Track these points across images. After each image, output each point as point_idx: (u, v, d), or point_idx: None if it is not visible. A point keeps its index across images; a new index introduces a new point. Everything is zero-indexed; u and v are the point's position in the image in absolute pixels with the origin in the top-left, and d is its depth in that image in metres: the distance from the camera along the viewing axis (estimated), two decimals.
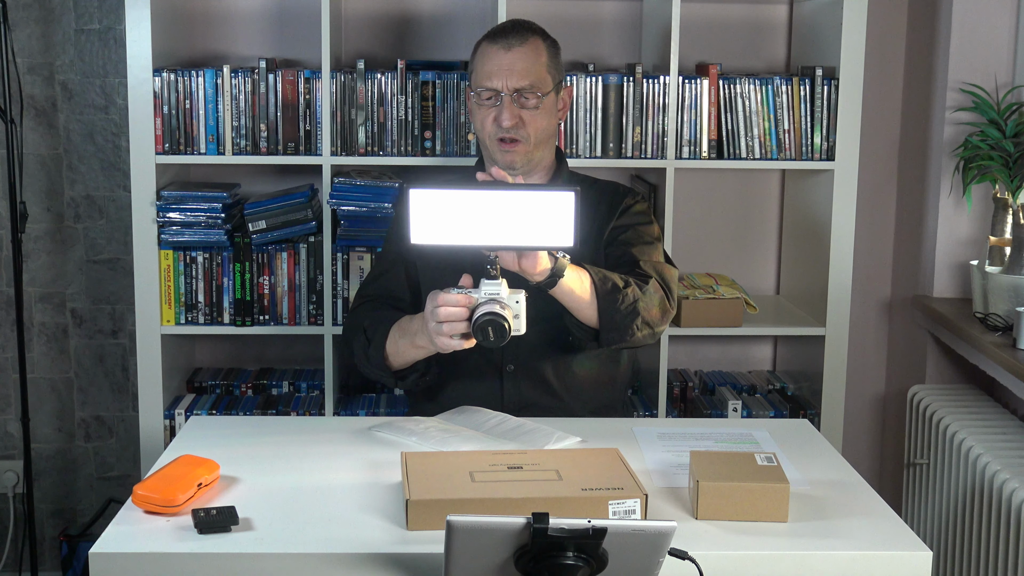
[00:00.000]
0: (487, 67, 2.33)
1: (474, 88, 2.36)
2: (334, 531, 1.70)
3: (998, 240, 2.84)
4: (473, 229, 1.90)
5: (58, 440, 3.34)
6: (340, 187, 2.85)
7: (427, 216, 1.90)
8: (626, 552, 1.46)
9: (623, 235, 2.38)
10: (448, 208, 1.90)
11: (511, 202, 1.90)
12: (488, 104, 2.33)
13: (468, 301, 1.98)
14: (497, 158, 2.35)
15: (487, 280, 1.97)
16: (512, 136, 2.31)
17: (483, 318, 1.93)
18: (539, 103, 2.32)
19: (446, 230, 1.91)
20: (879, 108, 3.23)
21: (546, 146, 2.40)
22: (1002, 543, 2.43)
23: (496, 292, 1.96)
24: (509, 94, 2.31)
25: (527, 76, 2.31)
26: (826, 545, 1.68)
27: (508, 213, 1.90)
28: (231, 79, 2.81)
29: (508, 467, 1.81)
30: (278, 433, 2.14)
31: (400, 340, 2.22)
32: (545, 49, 2.36)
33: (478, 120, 2.36)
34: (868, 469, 3.37)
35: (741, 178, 3.29)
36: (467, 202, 1.90)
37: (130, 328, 3.24)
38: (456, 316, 1.99)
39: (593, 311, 2.17)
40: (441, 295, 2.01)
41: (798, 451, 2.05)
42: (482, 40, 2.38)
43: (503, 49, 2.32)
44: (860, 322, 3.29)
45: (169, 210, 2.83)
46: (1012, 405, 2.85)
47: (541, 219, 1.90)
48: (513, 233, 1.91)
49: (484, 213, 1.90)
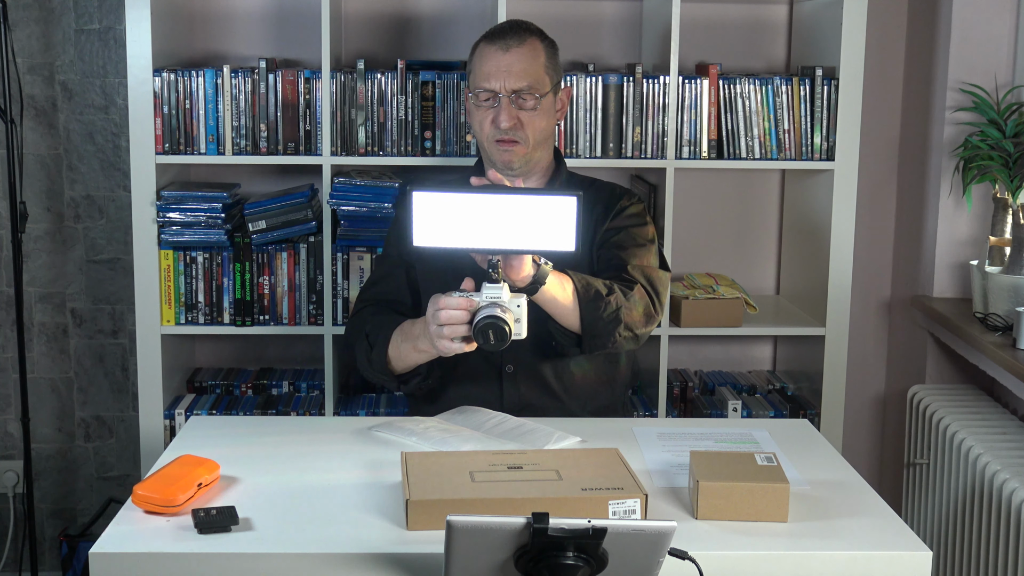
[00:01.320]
0: (485, 68, 2.32)
1: (472, 89, 2.36)
2: (334, 531, 1.70)
3: (998, 240, 2.84)
4: (476, 232, 1.91)
5: (58, 440, 3.35)
6: (340, 187, 2.85)
7: (430, 218, 1.91)
8: (626, 552, 1.46)
9: (615, 237, 2.38)
10: (451, 211, 1.91)
11: (513, 206, 1.91)
12: (486, 105, 2.33)
13: (469, 304, 1.98)
14: (495, 159, 2.34)
15: (489, 283, 1.96)
16: (510, 137, 2.31)
17: (484, 321, 1.93)
18: (537, 104, 2.32)
19: (449, 233, 1.91)
20: (879, 108, 3.23)
21: (544, 147, 2.40)
22: (1002, 543, 2.44)
23: (498, 296, 1.96)
24: (507, 95, 2.30)
25: (525, 77, 2.30)
26: (826, 545, 1.68)
27: (510, 217, 1.90)
28: (231, 79, 2.81)
29: (508, 467, 1.81)
30: (278, 433, 2.14)
31: (402, 344, 2.22)
32: (543, 49, 2.36)
33: (476, 121, 2.36)
34: (868, 469, 3.37)
35: (741, 178, 3.29)
36: (470, 205, 1.91)
37: (130, 328, 3.24)
38: (457, 319, 1.99)
39: (576, 318, 2.17)
40: (442, 298, 2.01)
41: (798, 451, 2.05)
42: (480, 41, 2.38)
43: (501, 50, 2.32)
44: (860, 322, 3.29)
45: (169, 210, 2.83)
46: (1012, 405, 2.85)
47: (543, 223, 1.90)
48: (515, 237, 1.91)
49: (487, 216, 1.90)
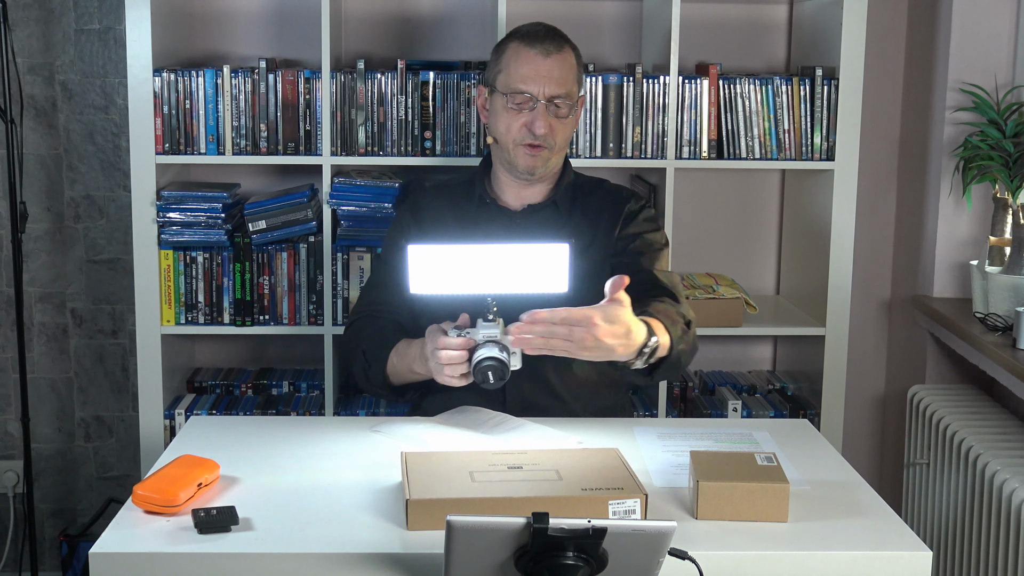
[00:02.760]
0: (523, 70, 2.30)
1: (504, 90, 2.32)
2: (334, 531, 1.70)
3: (998, 240, 2.84)
4: (470, 279, 2.01)
5: (58, 440, 3.35)
6: (340, 187, 2.85)
7: (425, 269, 2.01)
8: (626, 552, 1.46)
9: (632, 244, 2.38)
10: (446, 261, 2.01)
11: (506, 255, 2.02)
12: (519, 108, 2.31)
13: (468, 344, 2.04)
14: (519, 163, 2.34)
15: (485, 322, 2.04)
16: (540, 143, 2.31)
17: (484, 362, 2.00)
18: (571, 112, 2.33)
19: (444, 281, 2.02)
20: (879, 108, 3.23)
21: (563, 152, 2.41)
22: (1002, 543, 2.43)
23: (494, 334, 2.03)
24: (545, 101, 2.29)
25: (564, 84, 2.30)
26: (826, 545, 1.68)
27: (504, 264, 2.01)
28: (231, 79, 2.81)
29: (508, 467, 1.81)
30: (278, 433, 2.14)
31: (398, 364, 2.24)
32: (574, 59, 2.36)
33: (503, 122, 2.33)
34: (868, 469, 3.37)
35: (741, 178, 3.29)
36: (464, 255, 2.01)
37: (130, 328, 3.24)
38: (457, 359, 2.04)
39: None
40: (441, 338, 2.05)
41: (798, 451, 2.05)
42: (512, 41, 2.35)
43: (541, 55, 2.30)
44: (860, 322, 3.29)
45: (169, 210, 2.83)
46: (1012, 405, 2.85)
47: (536, 269, 2.01)
48: (508, 282, 2.01)
49: (481, 265, 2.01)
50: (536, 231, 2.37)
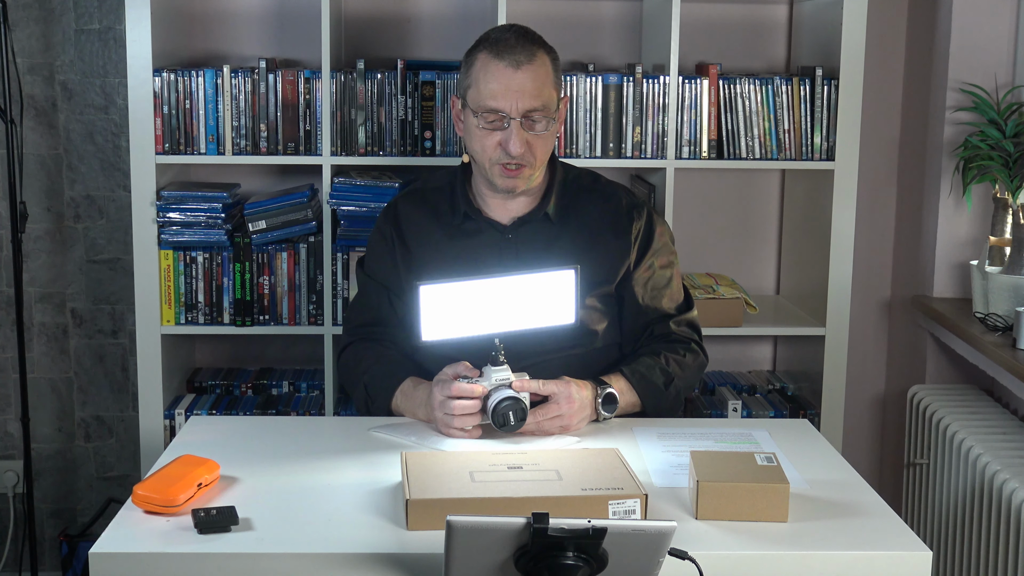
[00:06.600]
0: (492, 86, 2.13)
1: (474, 107, 2.16)
2: (334, 531, 1.70)
3: (998, 240, 2.84)
4: (480, 318, 2.01)
5: (58, 440, 3.35)
6: (340, 187, 2.85)
7: (437, 311, 1.99)
8: (626, 552, 1.46)
9: (652, 279, 2.31)
10: (456, 300, 2.00)
11: (515, 286, 2.02)
12: (491, 127, 2.15)
13: (482, 391, 2.03)
14: (497, 183, 2.20)
15: (495, 366, 2.03)
16: (518, 162, 2.16)
17: (503, 403, 2.00)
18: (548, 126, 2.17)
19: (454, 323, 2.01)
20: (879, 108, 3.23)
21: (545, 164, 2.25)
22: (1002, 543, 2.44)
23: (506, 377, 2.03)
24: (518, 118, 2.13)
25: (538, 97, 2.14)
26: (826, 545, 1.68)
27: (513, 297, 2.02)
28: (231, 79, 2.81)
29: (508, 467, 1.81)
30: (278, 433, 2.14)
31: (403, 404, 2.20)
32: (550, 63, 2.18)
33: (477, 141, 2.18)
34: (868, 469, 3.37)
35: (741, 178, 3.29)
36: (474, 292, 2.01)
37: (130, 328, 3.24)
38: (471, 409, 2.03)
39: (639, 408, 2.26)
40: (454, 386, 2.02)
41: (798, 451, 2.05)
42: (481, 51, 2.18)
43: (511, 67, 2.13)
44: (860, 322, 3.29)
45: (169, 210, 2.83)
46: (1012, 405, 2.85)
47: (543, 299, 2.04)
48: (518, 317, 2.03)
49: (490, 300, 2.01)
50: (532, 248, 2.26)
